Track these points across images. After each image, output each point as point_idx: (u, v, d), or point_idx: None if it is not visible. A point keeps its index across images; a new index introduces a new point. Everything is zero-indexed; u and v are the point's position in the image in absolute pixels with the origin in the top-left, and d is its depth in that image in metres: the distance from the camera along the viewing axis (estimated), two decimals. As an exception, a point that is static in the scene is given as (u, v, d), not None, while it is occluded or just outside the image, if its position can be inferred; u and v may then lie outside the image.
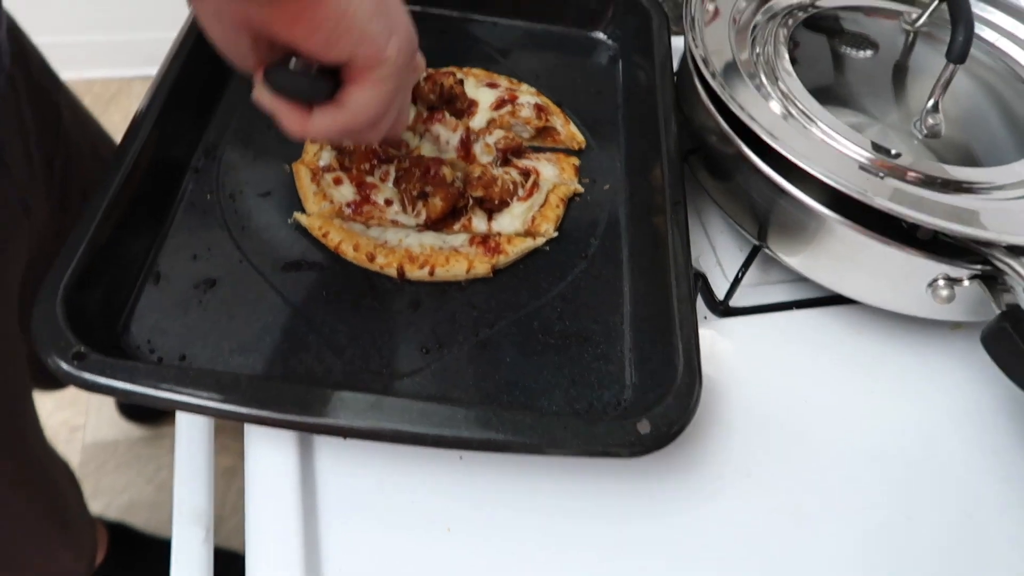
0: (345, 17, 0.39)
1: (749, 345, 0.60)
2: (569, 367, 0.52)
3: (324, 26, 0.39)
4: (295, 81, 0.43)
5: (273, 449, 0.48)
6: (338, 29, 0.40)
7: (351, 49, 0.41)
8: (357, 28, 0.40)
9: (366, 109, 0.44)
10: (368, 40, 0.41)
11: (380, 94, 0.44)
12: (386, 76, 0.43)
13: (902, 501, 0.53)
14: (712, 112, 0.58)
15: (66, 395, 1.58)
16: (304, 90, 0.43)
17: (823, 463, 0.54)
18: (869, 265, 0.54)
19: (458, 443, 0.43)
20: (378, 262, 0.54)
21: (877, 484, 0.53)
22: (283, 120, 0.45)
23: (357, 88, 0.43)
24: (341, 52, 0.41)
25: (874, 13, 0.71)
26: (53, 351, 0.43)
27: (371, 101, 0.44)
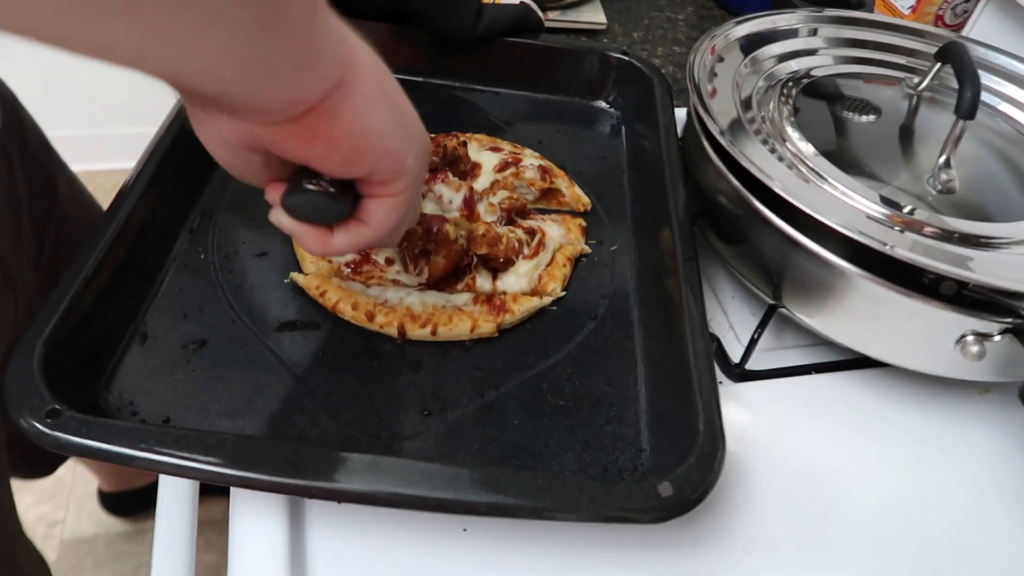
0: (365, 136, 0.37)
1: (768, 411, 0.56)
2: (581, 430, 0.48)
3: (342, 145, 0.37)
4: (315, 203, 0.40)
5: (260, 518, 0.44)
6: (358, 148, 0.37)
7: (371, 166, 0.38)
8: (377, 146, 0.38)
9: (389, 221, 0.42)
10: (388, 156, 0.39)
11: (400, 205, 0.42)
12: (407, 186, 0.41)
13: None
14: (721, 169, 0.56)
15: (46, 488, 1.52)
16: (325, 212, 0.41)
17: (855, 537, 0.50)
18: (893, 322, 0.52)
19: (463, 507, 0.39)
20: (378, 321, 0.52)
21: (913, 559, 0.49)
22: (305, 242, 0.43)
23: (379, 203, 0.42)
24: (360, 170, 0.39)
25: (873, 80, 0.71)
26: (25, 409, 0.40)
27: (392, 213, 0.42)
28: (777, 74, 0.68)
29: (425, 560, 0.45)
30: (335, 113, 0.35)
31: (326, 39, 0.34)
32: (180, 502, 0.60)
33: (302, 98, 0.34)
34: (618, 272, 0.59)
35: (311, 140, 0.36)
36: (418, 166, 0.41)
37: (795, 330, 0.62)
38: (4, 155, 0.71)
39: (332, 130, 0.36)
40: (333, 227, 0.42)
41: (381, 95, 0.38)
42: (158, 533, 0.49)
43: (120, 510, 1.46)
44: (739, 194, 0.55)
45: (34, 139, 0.79)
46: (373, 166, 0.38)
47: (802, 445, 0.55)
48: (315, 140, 0.36)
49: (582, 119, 0.74)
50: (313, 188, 0.39)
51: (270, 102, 0.34)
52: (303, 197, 0.40)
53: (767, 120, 0.62)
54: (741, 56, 0.68)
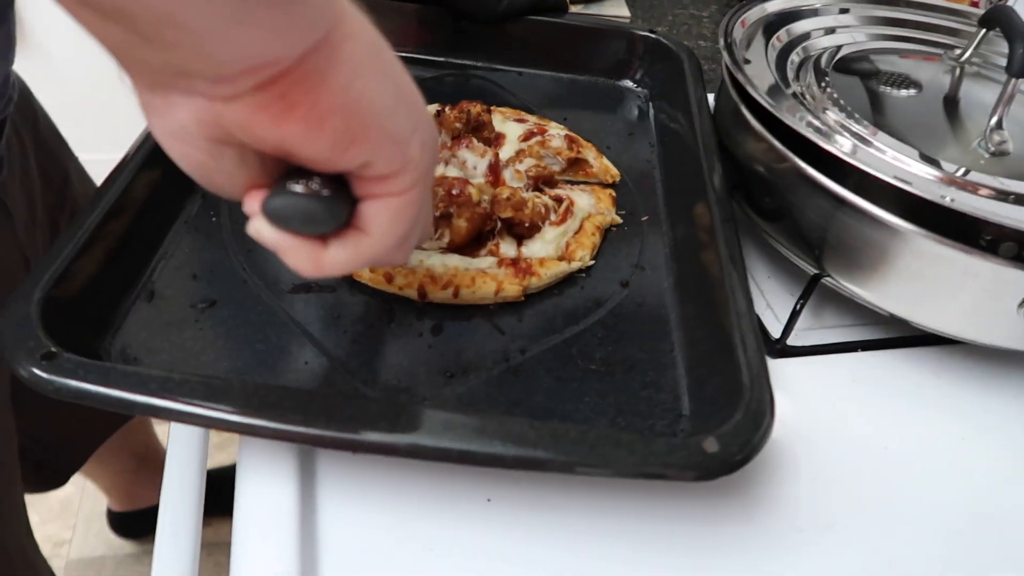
0: (358, 110, 0.29)
1: (812, 388, 0.53)
2: (615, 395, 0.45)
3: (329, 121, 0.28)
4: (303, 207, 0.31)
5: (268, 481, 0.41)
6: (349, 126, 0.29)
7: (368, 153, 0.30)
8: (374, 124, 0.29)
9: (394, 230, 0.33)
10: (388, 140, 0.30)
11: (407, 207, 0.33)
12: (413, 183, 0.32)
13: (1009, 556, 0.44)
14: (761, 132, 0.54)
15: (53, 507, 1.49)
16: (316, 218, 0.32)
17: (914, 515, 0.46)
18: (949, 285, 0.48)
19: (488, 460, 0.36)
20: (397, 283, 0.49)
21: (974, 539, 0.45)
22: (291, 258, 0.34)
23: (380, 205, 0.32)
24: (355, 157, 0.30)
25: (909, 55, 0.68)
26: (21, 352, 0.37)
27: (399, 218, 0.33)
28: (811, 48, 0.66)
29: (446, 532, 0.41)
30: (318, 77, 0.27)
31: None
32: (183, 518, 0.57)
33: (273, 51, 0.26)
34: (649, 242, 0.56)
35: (287, 115, 0.27)
36: (426, 158, 0.32)
37: (836, 308, 0.58)
38: (18, 139, 0.70)
39: (315, 100, 0.28)
40: (327, 239, 0.33)
41: (378, 65, 0.30)
42: (158, 551, 0.45)
43: (128, 531, 1.43)
44: (781, 156, 0.52)
45: (45, 127, 0.78)
46: (370, 153, 0.30)
47: (850, 423, 0.51)
48: (293, 115, 0.27)
49: (608, 99, 0.72)
50: (300, 190, 0.31)
51: (232, 56, 0.25)
52: (288, 200, 0.31)
53: (805, 92, 0.59)
54: (773, 30, 0.66)
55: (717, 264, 0.48)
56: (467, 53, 0.72)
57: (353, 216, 0.33)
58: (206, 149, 0.29)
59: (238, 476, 0.41)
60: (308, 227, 0.32)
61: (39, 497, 1.42)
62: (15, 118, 0.69)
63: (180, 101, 0.28)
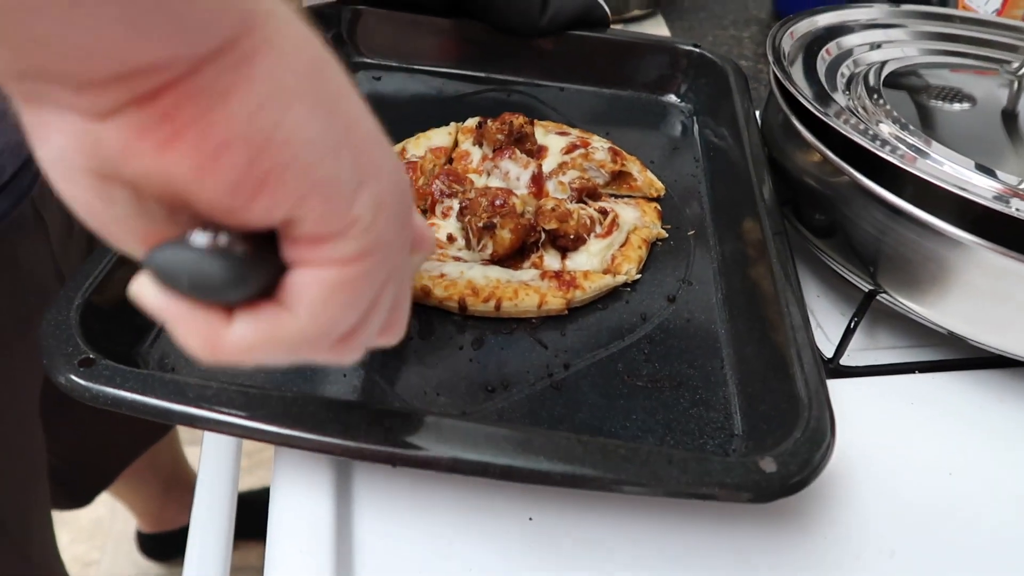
0: (271, 144, 0.22)
1: (868, 410, 0.50)
2: (663, 412, 0.43)
3: (228, 157, 0.21)
4: (195, 262, 0.23)
5: (304, 496, 0.39)
6: (258, 166, 0.21)
7: (289, 206, 0.22)
8: (296, 167, 0.22)
9: (326, 312, 0.25)
10: (318, 191, 0.23)
11: (351, 284, 0.25)
12: (362, 251, 0.24)
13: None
14: (813, 143, 0.52)
15: (84, 527, 1.49)
16: (214, 280, 0.23)
17: (979, 546, 0.43)
18: (1015, 300, 0.46)
19: (533, 476, 0.34)
20: (436, 295, 0.48)
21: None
22: (180, 333, 0.25)
23: (310, 276, 0.24)
24: (268, 210, 0.22)
25: (960, 69, 0.66)
26: (60, 359, 0.37)
27: (335, 297, 0.25)
28: (860, 62, 0.64)
29: (486, 551, 0.39)
30: (217, 97, 0.21)
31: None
32: (213, 541, 0.56)
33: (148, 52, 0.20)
34: (697, 256, 0.55)
35: (172, 143, 0.21)
36: (381, 223, 0.25)
37: (890, 328, 0.56)
38: None
39: (209, 126, 0.21)
40: (232, 310, 0.25)
41: (311, 89, 0.23)
42: (187, 574, 0.44)
43: (157, 553, 1.42)
44: (834, 167, 0.50)
45: None
46: (292, 206, 0.22)
47: (910, 447, 0.48)
48: (178, 143, 0.21)
49: (651, 114, 0.70)
50: (203, 242, 0.23)
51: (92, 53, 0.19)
52: (181, 253, 0.23)
53: (856, 106, 0.58)
54: (820, 44, 0.64)
55: (769, 278, 0.46)
56: (508, 68, 0.72)
57: (277, 286, 0.25)
58: (92, 188, 0.23)
59: (273, 490, 0.40)
60: (203, 293, 0.24)
61: (70, 517, 1.43)
62: None
63: (55, 121, 0.21)
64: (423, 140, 0.60)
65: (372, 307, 0.26)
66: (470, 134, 0.61)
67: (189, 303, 0.24)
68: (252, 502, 0.82)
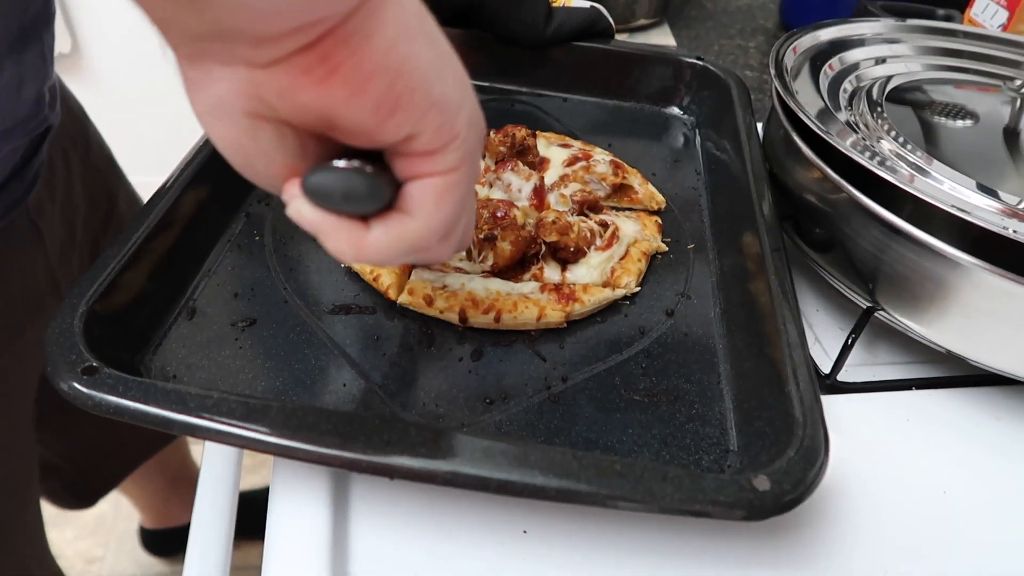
0: (404, 71, 0.28)
1: (864, 427, 0.50)
2: (659, 427, 0.43)
3: (374, 83, 0.27)
4: (346, 181, 0.30)
5: (301, 506, 0.40)
6: (394, 88, 0.28)
7: (414, 121, 0.29)
8: (421, 88, 0.28)
9: (439, 213, 0.32)
10: (436, 107, 0.29)
11: (454, 187, 0.31)
12: (460, 161, 0.31)
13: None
14: (813, 159, 0.52)
15: (87, 524, 1.50)
16: (359, 194, 0.31)
17: (973, 565, 0.43)
18: (1012, 321, 0.46)
19: (529, 491, 0.35)
20: (437, 306, 0.48)
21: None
22: (332, 240, 0.32)
23: (425, 185, 0.31)
24: (399, 126, 0.29)
25: (964, 85, 0.66)
26: (63, 366, 0.37)
27: (444, 200, 0.31)
28: (863, 77, 0.65)
29: (480, 563, 0.40)
30: (362, 38, 0.27)
31: None
32: (214, 540, 0.56)
33: (319, 10, 0.26)
34: (696, 270, 0.55)
35: (330, 78, 0.27)
36: (472, 137, 0.31)
37: (889, 344, 0.56)
38: (65, 163, 0.70)
39: (359, 61, 0.27)
40: (369, 221, 0.32)
41: (422, 29, 0.29)
42: (187, 572, 0.45)
43: (159, 549, 1.43)
44: (834, 184, 0.50)
45: (97, 152, 0.79)
46: (417, 121, 0.29)
47: (905, 465, 0.48)
48: (335, 77, 0.27)
49: (653, 125, 0.71)
50: (343, 165, 0.30)
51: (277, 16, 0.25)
52: (329, 174, 0.30)
53: (859, 121, 0.58)
54: (824, 58, 0.64)
55: (767, 295, 0.46)
56: (512, 78, 0.72)
57: (397, 200, 0.32)
58: (244, 127, 0.29)
59: (271, 499, 0.40)
60: (349, 204, 0.31)
61: (74, 514, 1.43)
62: (64, 142, 0.70)
63: (219, 72, 0.27)
64: (426, 150, 0.60)
65: (463, 208, 0.33)
66: (473, 145, 0.61)
67: (337, 216, 0.31)
68: (253, 501, 0.82)
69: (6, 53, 0.51)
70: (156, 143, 1.94)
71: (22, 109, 0.55)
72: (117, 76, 1.77)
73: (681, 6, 1.09)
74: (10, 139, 0.55)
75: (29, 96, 0.56)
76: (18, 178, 0.59)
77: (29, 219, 0.62)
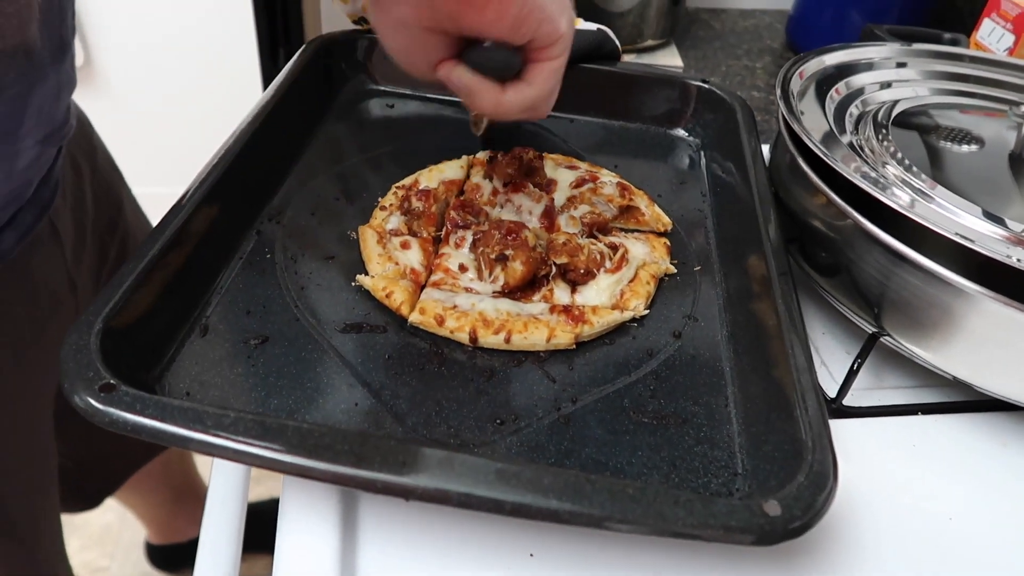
0: (528, 1, 0.44)
1: (870, 452, 0.51)
2: (668, 449, 0.44)
3: (510, 10, 0.43)
4: (497, 56, 0.46)
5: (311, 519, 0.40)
6: (521, 12, 0.44)
7: (535, 29, 0.45)
8: (538, 9, 0.44)
9: (548, 83, 0.49)
10: (548, 19, 0.45)
11: (558, 68, 0.49)
12: (562, 51, 0.48)
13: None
14: (819, 185, 0.53)
15: (93, 534, 1.50)
16: (505, 62, 0.47)
17: (981, 591, 0.43)
18: (1018, 348, 0.46)
19: (542, 514, 0.35)
20: (448, 326, 0.49)
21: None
22: (480, 97, 0.48)
23: (542, 66, 0.48)
24: (526, 33, 0.45)
25: (970, 110, 0.67)
26: (79, 383, 0.38)
27: (553, 75, 0.49)
28: (869, 102, 0.65)
29: (490, 586, 0.40)
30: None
31: None
32: (222, 553, 0.56)
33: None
34: (703, 292, 0.55)
35: (485, 7, 0.43)
36: (570, 33, 0.48)
37: (895, 369, 0.56)
38: (75, 169, 0.72)
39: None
40: (504, 87, 0.48)
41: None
42: None
43: (165, 564, 1.42)
44: (839, 210, 0.51)
45: (103, 158, 0.80)
46: (535, 30, 0.45)
47: (911, 490, 0.49)
48: (488, 7, 0.43)
49: (659, 147, 0.71)
50: (492, 45, 0.45)
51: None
52: (486, 51, 0.46)
53: (864, 146, 0.58)
54: (831, 83, 0.65)
55: (774, 318, 0.47)
56: (520, 98, 0.73)
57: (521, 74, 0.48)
58: (417, 36, 0.46)
59: (280, 519, 0.40)
60: (497, 69, 0.47)
61: (81, 523, 1.43)
62: (74, 148, 0.71)
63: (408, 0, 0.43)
64: (435, 173, 0.61)
65: (558, 82, 0.51)
66: (482, 167, 0.62)
67: (483, 80, 0.48)
68: (260, 513, 0.83)
69: (50, 62, 0.54)
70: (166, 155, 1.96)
71: (59, 116, 0.58)
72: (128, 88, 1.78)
73: (688, 26, 1.10)
74: (48, 144, 0.57)
75: (64, 103, 0.58)
76: (46, 183, 0.60)
77: (50, 221, 0.64)
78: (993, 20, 0.80)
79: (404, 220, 0.56)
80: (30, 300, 0.63)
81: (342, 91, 0.73)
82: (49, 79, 0.55)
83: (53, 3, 0.53)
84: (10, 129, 0.52)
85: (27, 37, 0.50)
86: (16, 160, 0.55)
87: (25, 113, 0.53)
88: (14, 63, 0.50)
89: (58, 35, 0.55)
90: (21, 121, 0.53)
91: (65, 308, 0.67)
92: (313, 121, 0.68)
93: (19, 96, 0.52)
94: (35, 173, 0.58)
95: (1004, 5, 0.79)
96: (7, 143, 0.53)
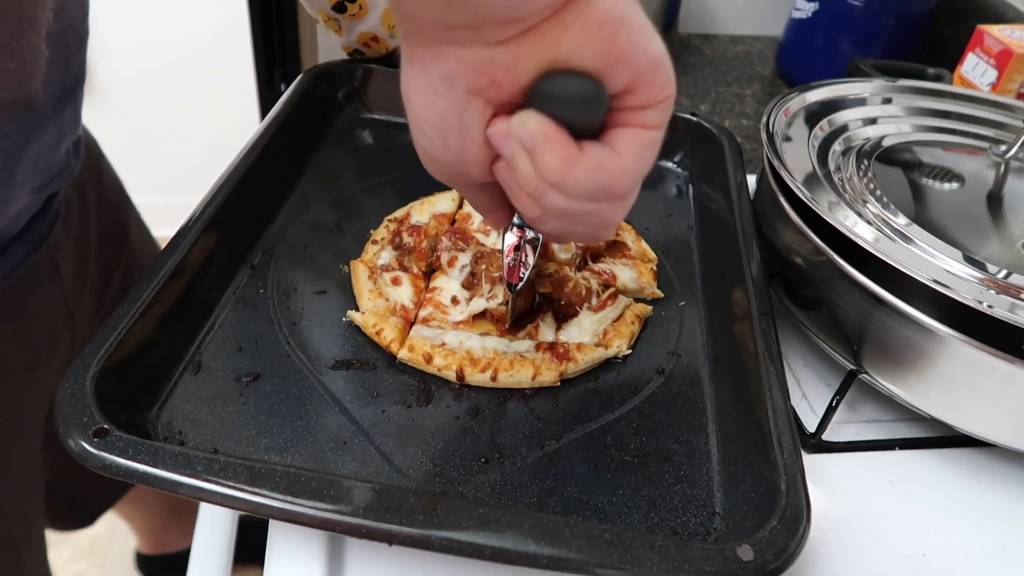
0: (624, 25, 0.31)
1: (847, 487, 0.52)
2: (648, 488, 0.45)
3: (600, 32, 0.31)
4: (576, 86, 0.32)
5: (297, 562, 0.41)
6: (616, 38, 0.31)
7: (634, 71, 0.32)
8: (639, 42, 0.31)
9: (638, 162, 0.34)
10: (653, 64, 0.32)
11: (654, 144, 0.34)
12: (661, 121, 0.34)
13: None
14: (800, 226, 0.54)
15: (83, 545, 1.51)
16: (585, 100, 0.32)
17: (953, 629, 0.45)
18: (989, 391, 0.48)
19: (523, 559, 0.36)
20: (436, 363, 0.50)
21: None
22: (549, 151, 0.33)
23: (633, 134, 0.34)
24: (622, 73, 0.32)
25: (953, 148, 0.68)
26: (74, 428, 0.39)
27: (648, 151, 0.34)
28: (853, 139, 0.67)
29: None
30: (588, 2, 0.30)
31: None
32: (213, 565, 0.57)
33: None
34: (687, 328, 0.57)
35: (564, 35, 0.30)
36: (673, 98, 0.34)
37: (874, 403, 0.57)
38: (80, 198, 0.72)
39: (589, 16, 0.30)
40: (582, 145, 0.33)
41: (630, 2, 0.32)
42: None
43: (155, 574, 1.43)
44: (819, 250, 0.52)
45: (111, 184, 0.81)
46: (636, 72, 0.32)
47: (886, 525, 0.50)
48: (569, 31, 0.30)
49: (649, 177, 0.72)
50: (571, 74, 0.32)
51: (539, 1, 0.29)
52: (563, 77, 0.32)
53: (846, 183, 0.60)
54: (815, 119, 0.67)
55: (754, 358, 0.48)
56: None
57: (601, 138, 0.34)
58: (459, 100, 0.33)
59: (267, 561, 0.41)
60: (575, 108, 0.32)
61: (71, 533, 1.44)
62: (81, 177, 0.72)
63: (450, 52, 0.31)
64: (427, 206, 0.62)
65: (650, 165, 0.35)
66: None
67: (556, 128, 0.33)
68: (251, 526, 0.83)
69: (51, 112, 0.54)
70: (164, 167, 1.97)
71: (57, 163, 0.57)
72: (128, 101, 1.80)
73: (679, 52, 1.12)
74: (43, 191, 0.57)
75: (65, 150, 0.58)
76: (41, 218, 0.61)
77: (48, 255, 0.64)
78: (977, 55, 0.82)
79: (395, 255, 0.57)
80: (25, 335, 0.63)
81: (337, 119, 0.75)
82: (49, 129, 0.54)
83: (60, 54, 0.53)
84: (2, 178, 0.51)
85: (28, 91, 0.49)
86: (6, 207, 0.54)
87: (20, 162, 0.52)
88: (12, 115, 0.49)
89: (60, 85, 0.54)
90: (14, 170, 0.52)
91: (61, 341, 0.68)
92: (308, 150, 0.70)
93: (14, 146, 0.51)
94: (26, 214, 0.59)
95: (987, 40, 0.80)
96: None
